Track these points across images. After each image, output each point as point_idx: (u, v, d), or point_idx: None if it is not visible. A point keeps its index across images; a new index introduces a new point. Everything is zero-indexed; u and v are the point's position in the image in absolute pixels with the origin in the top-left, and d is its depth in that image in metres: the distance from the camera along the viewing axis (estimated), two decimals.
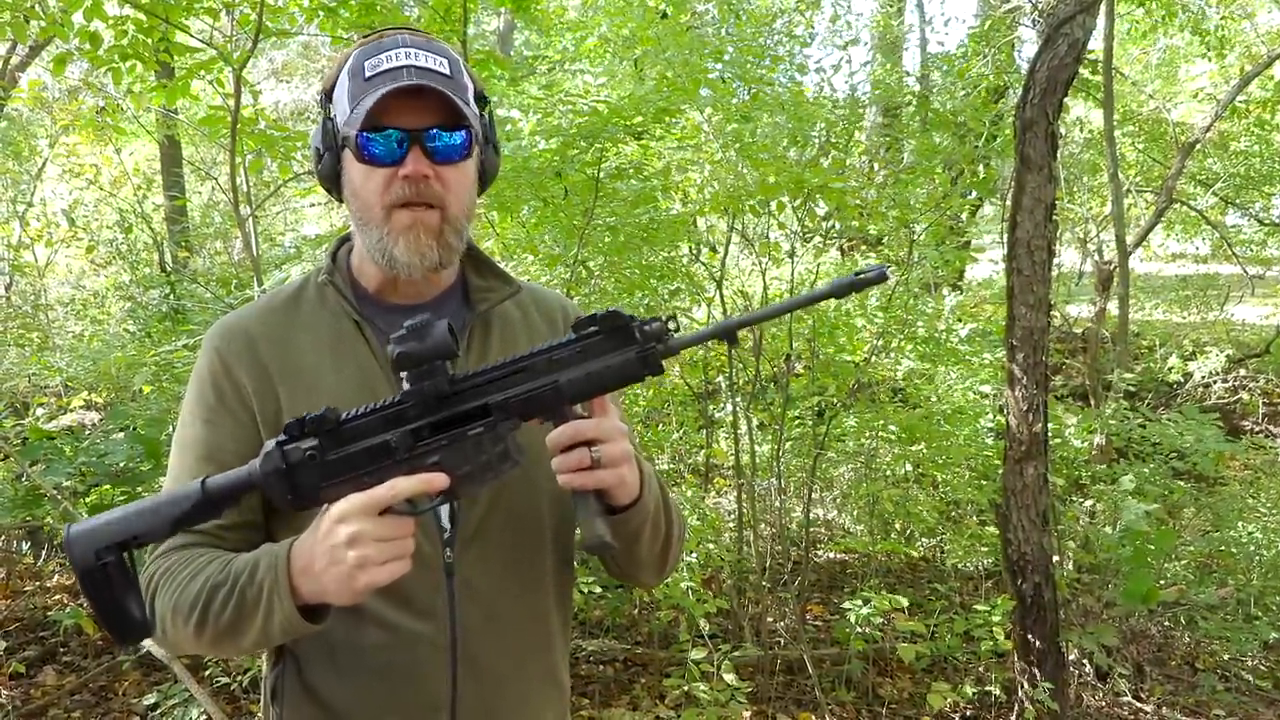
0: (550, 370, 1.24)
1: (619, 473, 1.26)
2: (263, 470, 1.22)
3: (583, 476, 1.25)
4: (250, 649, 1.31)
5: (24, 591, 5.19)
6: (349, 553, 1.15)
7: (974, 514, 5.98)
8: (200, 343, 1.51)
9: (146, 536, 1.23)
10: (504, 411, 1.23)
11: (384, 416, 1.24)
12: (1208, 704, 4.58)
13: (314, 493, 1.23)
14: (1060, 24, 3.83)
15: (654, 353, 1.22)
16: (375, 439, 1.23)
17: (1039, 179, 3.88)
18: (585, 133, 4.23)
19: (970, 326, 6.39)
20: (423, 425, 1.23)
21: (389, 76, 1.34)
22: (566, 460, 1.25)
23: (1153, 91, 10.67)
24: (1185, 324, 11.22)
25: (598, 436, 1.25)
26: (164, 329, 6.93)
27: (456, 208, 1.40)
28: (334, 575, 1.17)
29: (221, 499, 1.24)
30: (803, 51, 7.92)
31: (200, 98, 5.26)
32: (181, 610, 1.29)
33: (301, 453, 1.22)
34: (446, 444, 1.23)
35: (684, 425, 6.53)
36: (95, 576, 1.21)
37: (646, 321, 1.22)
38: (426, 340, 1.21)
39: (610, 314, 1.23)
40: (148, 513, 1.24)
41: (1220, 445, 5.30)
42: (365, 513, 1.16)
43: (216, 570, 1.29)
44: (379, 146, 1.35)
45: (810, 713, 4.29)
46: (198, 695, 3.57)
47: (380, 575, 1.16)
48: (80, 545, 1.22)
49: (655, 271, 5.02)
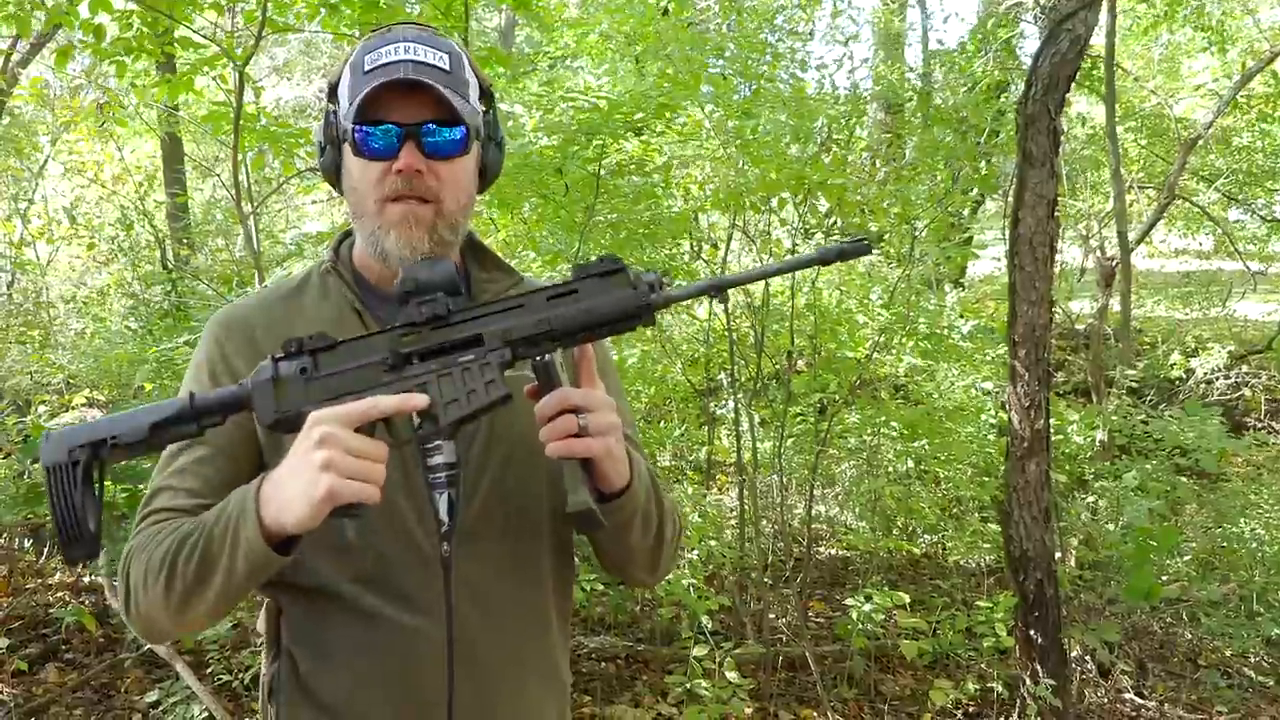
0: (546, 308, 1.25)
1: (606, 442, 1.25)
2: (254, 381, 1.23)
3: (569, 444, 1.23)
4: (220, 599, 1.26)
5: (26, 589, 5.19)
6: (317, 453, 1.13)
7: (976, 510, 5.98)
8: (202, 331, 1.51)
9: (124, 437, 1.21)
10: (496, 341, 1.24)
11: (378, 340, 1.25)
12: (1210, 701, 4.57)
13: (298, 413, 1.21)
14: (1062, 19, 3.82)
15: (646, 297, 1.23)
16: (365, 359, 1.24)
17: (1041, 175, 3.88)
18: (586, 128, 4.22)
19: (972, 323, 6.38)
20: (414, 351, 1.24)
21: (386, 70, 1.34)
22: (554, 427, 1.24)
23: (1155, 87, 10.65)
24: (1187, 320, 11.20)
25: (584, 404, 1.24)
26: (165, 326, 6.93)
27: (451, 203, 1.39)
28: (299, 484, 1.14)
29: (207, 411, 1.23)
30: (804, 48, 7.91)
31: (204, 94, 5.27)
32: (152, 569, 1.26)
33: (293, 367, 1.23)
34: (436, 369, 1.23)
35: (686, 422, 6.53)
36: (63, 474, 1.19)
37: (643, 273, 1.24)
38: (435, 269, 1.24)
39: (608, 258, 1.24)
40: (127, 417, 1.23)
41: (1223, 442, 5.30)
42: (341, 422, 1.15)
43: (189, 525, 1.27)
44: (375, 140, 1.35)
45: (812, 709, 4.29)
46: (199, 692, 3.57)
47: (345, 487, 1.12)
48: (54, 441, 1.20)
49: (657, 267, 5.01)
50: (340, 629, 1.38)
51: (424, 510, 1.37)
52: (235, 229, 9.14)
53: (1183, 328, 10.55)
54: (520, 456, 1.41)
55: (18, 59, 8.55)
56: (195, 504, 1.33)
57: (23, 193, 10.29)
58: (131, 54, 4.04)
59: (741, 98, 5.06)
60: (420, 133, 1.35)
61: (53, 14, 3.95)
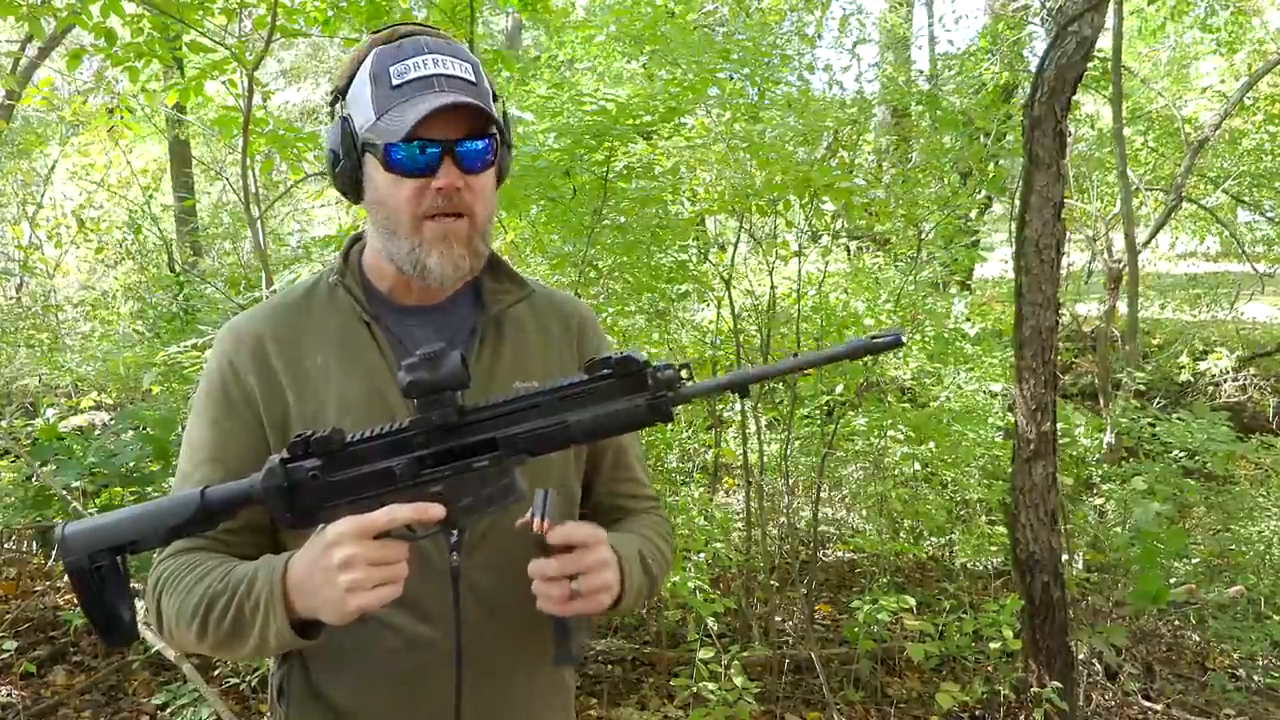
0: (560, 409, 1.24)
1: (598, 600, 1.29)
2: (264, 485, 1.23)
3: (564, 606, 1.27)
4: (252, 654, 1.32)
5: (34, 591, 5.21)
6: (341, 576, 1.16)
7: (983, 513, 5.97)
8: (210, 343, 1.51)
9: (144, 543, 1.24)
10: (511, 447, 1.23)
11: (390, 442, 1.24)
12: (1218, 704, 4.56)
13: (314, 512, 1.23)
14: (1069, 21, 3.81)
15: (664, 400, 1.21)
16: (379, 464, 1.23)
17: (1048, 177, 3.87)
18: (594, 131, 4.23)
19: (979, 326, 6.37)
20: (427, 454, 1.23)
21: (421, 86, 1.33)
22: (548, 591, 1.27)
23: (1162, 89, 10.62)
24: (1195, 323, 11.17)
25: (579, 569, 1.27)
26: (173, 329, 6.95)
27: (483, 214, 1.40)
28: (326, 597, 1.18)
29: (220, 510, 1.25)
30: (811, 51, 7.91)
31: (213, 98, 5.29)
32: (184, 616, 1.31)
33: (304, 472, 1.23)
34: (449, 474, 1.23)
35: (692, 424, 6.53)
36: (88, 578, 1.22)
37: (660, 367, 1.21)
38: (438, 370, 1.21)
39: (625, 358, 1.22)
40: (147, 519, 1.25)
41: (1231, 444, 5.28)
42: (360, 536, 1.17)
43: (218, 579, 1.30)
44: (415, 159, 1.33)
45: (819, 712, 4.29)
46: (207, 695, 3.58)
47: (371, 599, 1.17)
48: (75, 546, 1.22)
49: (664, 274, 5.01)
50: (350, 634, 1.38)
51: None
52: (243, 232, 9.16)
53: (1190, 330, 10.53)
54: (528, 468, 1.42)
55: (25, 64, 8.58)
56: (219, 531, 1.36)
57: (31, 196, 10.33)
58: (143, 58, 4.06)
59: (749, 101, 5.06)
60: (457, 149, 1.34)
61: (66, 14, 3.97)
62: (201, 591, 1.30)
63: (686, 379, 1.23)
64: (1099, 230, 9.16)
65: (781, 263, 5.55)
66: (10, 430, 4.82)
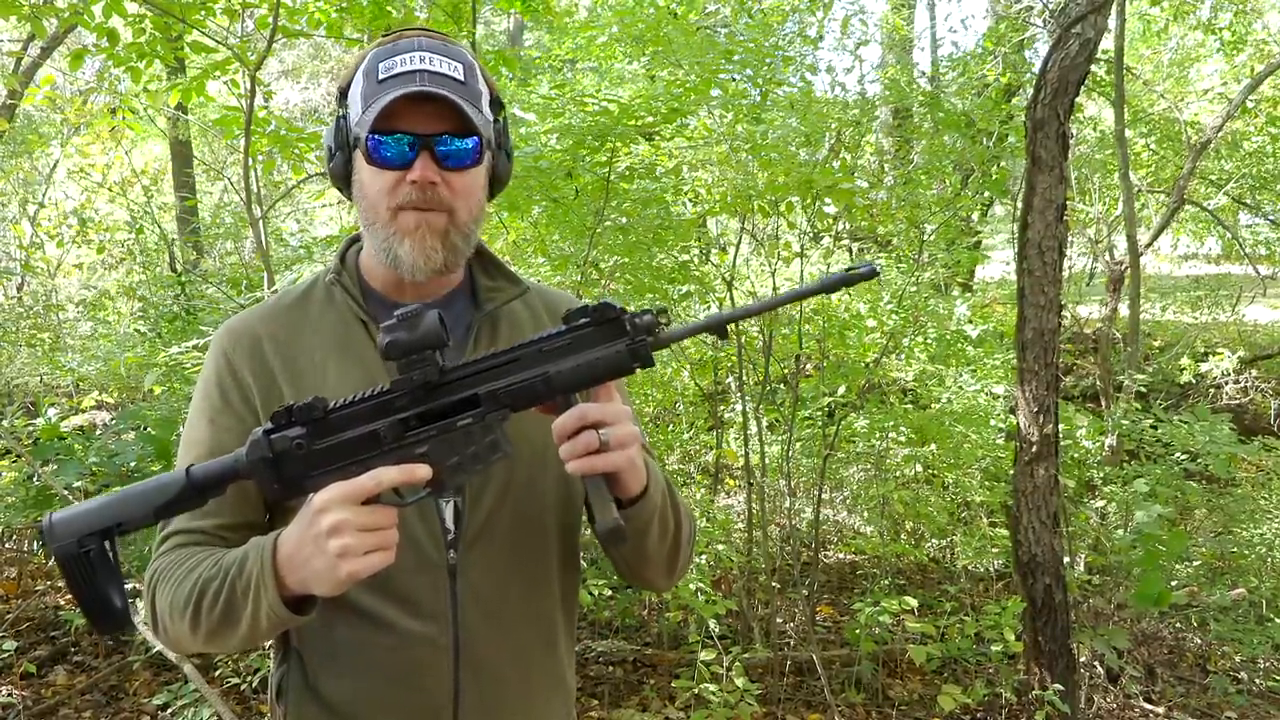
0: (541, 361, 1.23)
1: (628, 454, 1.24)
2: (249, 458, 1.22)
3: (592, 460, 1.22)
4: (245, 641, 1.31)
5: (35, 591, 5.21)
6: (330, 542, 1.15)
7: (985, 515, 5.97)
8: (210, 343, 1.52)
9: (131, 524, 1.23)
10: (494, 402, 1.23)
11: (372, 406, 1.23)
12: (1219, 706, 4.56)
13: (300, 482, 1.22)
14: (1072, 23, 3.81)
15: (644, 345, 1.21)
16: (362, 428, 1.23)
17: (1050, 179, 3.87)
18: (596, 132, 4.23)
19: (981, 327, 6.37)
20: (411, 415, 1.23)
21: (401, 80, 1.34)
22: (574, 445, 1.23)
23: (1164, 91, 10.61)
24: (1196, 325, 11.16)
25: (603, 419, 1.23)
26: (174, 329, 6.95)
27: (464, 213, 1.40)
28: (317, 565, 1.17)
29: (207, 486, 1.24)
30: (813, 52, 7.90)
31: (214, 98, 5.29)
32: (178, 606, 1.30)
33: (288, 441, 1.22)
34: (435, 434, 1.22)
35: (694, 425, 6.52)
36: (77, 564, 1.21)
37: (638, 314, 1.22)
38: (416, 329, 1.20)
39: (602, 305, 1.22)
40: (132, 500, 1.24)
41: (1232, 447, 5.28)
42: (348, 501, 1.16)
43: (209, 566, 1.30)
44: (389, 149, 1.35)
45: (820, 714, 4.28)
46: (208, 695, 3.58)
47: (362, 565, 1.15)
48: (63, 531, 1.21)
49: (666, 275, 5.02)
50: (348, 633, 1.39)
51: (430, 518, 1.38)
52: (244, 232, 9.16)
53: (1191, 332, 10.52)
54: (527, 463, 1.42)
55: (28, 64, 8.59)
56: (214, 524, 1.38)
57: (32, 195, 10.33)
58: (144, 59, 4.07)
59: (751, 102, 5.06)
60: (435, 144, 1.35)
61: (69, 14, 3.97)
62: (194, 580, 1.30)
63: (665, 324, 1.23)
64: (1101, 232, 9.17)
65: (783, 264, 5.54)
66: (12, 430, 4.82)
